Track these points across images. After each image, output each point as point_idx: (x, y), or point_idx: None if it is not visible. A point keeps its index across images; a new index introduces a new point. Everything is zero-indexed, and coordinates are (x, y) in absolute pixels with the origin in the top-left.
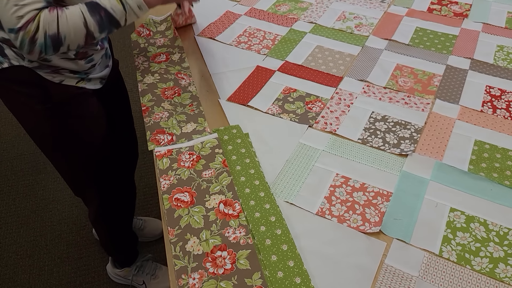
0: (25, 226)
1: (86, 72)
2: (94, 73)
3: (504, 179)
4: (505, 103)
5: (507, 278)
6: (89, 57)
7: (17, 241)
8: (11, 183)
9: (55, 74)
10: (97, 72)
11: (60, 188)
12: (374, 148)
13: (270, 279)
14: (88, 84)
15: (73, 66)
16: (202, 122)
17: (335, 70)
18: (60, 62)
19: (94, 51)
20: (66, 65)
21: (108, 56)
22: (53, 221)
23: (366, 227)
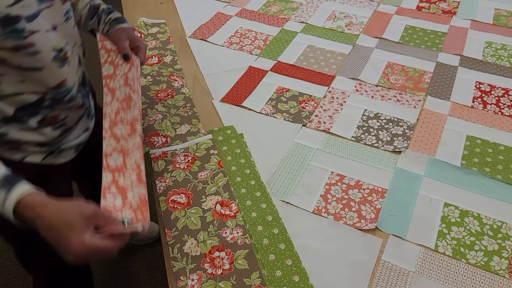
0: None
1: (57, 141)
2: (68, 142)
3: (496, 173)
4: (495, 98)
5: (502, 271)
6: (59, 122)
7: None
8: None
9: (15, 151)
10: (72, 139)
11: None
12: (368, 146)
13: (268, 278)
14: (58, 157)
15: (38, 137)
16: (196, 123)
17: (327, 69)
18: (19, 135)
19: (67, 111)
20: (28, 138)
21: (91, 116)
22: None
23: (362, 224)
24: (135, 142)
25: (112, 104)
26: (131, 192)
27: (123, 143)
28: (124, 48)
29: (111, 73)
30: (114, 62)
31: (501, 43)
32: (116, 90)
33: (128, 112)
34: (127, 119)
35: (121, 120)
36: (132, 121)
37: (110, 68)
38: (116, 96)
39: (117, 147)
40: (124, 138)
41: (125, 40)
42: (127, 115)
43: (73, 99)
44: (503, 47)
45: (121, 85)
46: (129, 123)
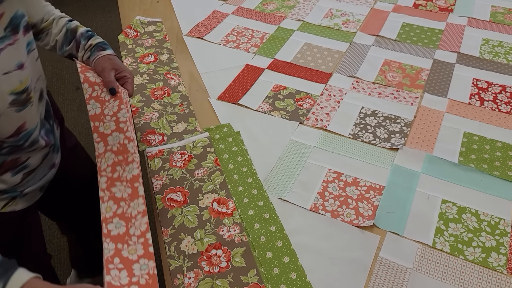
0: None
1: (20, 185)
2: (32, 185)
3: (494, 170)
4: (492, 95)
5: (500, 267)
6: (20, 165)
7: None
8: None
9: None
10: (37, 180)
11: None
12: (365, 143)
13: (266, 275)
14: (20, 202)
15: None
16: (193, 121)
17: (324, 66)
18: None
19: (29, 153)
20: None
21: (56, 149)
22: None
23: (359, 221)
24: (139, 208)
25: (107, 156)
26: (138, 264)
27: (124, 208)
28: (110, 81)
29: (99, 113)
30: (100, 98)
31: (498, 40)
32: (108, 137)
33: (127, 169)
34: (126, 177)
35: (119, 178)
36: (133, 181)
37: (97, 106)
38: (110, 146)
39: (117, 212)
40: (125, 202)
41: (110, 71)
42: (126, 173)
43: (36, 142)
44: (500, 44)
45: (112, 130)
46: (130, 183)
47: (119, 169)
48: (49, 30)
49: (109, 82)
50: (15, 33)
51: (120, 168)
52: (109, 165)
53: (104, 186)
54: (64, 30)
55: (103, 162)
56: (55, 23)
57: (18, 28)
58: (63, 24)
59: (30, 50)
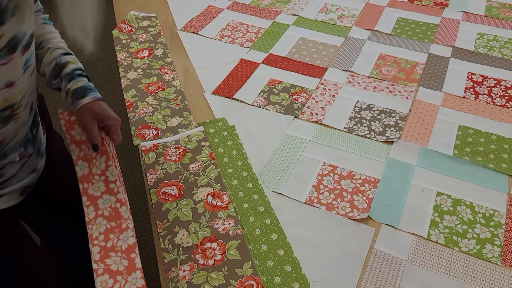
0: None
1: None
2: (10, 186)
3: (489, 162)
4: (487, 88)
5: (494, 258)
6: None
7: None
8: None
9: None
10: (15, 182)
11: None
12: (360, 137)
13: (260, 268)
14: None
15: None
16: (188, 116)
17: (319, 61)
18: None
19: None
20: None
21: (41, 155)
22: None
23: (354, 213)
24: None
25: (98, 222)
26: None
27: (122, 282)
28: (92, 136)
29: (87, 173)
30: (87, 156)
31: (493, 34)
32: (98, 199)
33: (122, 238)
34: (121, 247)
35: (113, 248)
36: (129, 252)
37: (85, 166)
38: (101, 210)
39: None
40: (122, 276)
41: (92, 124)
42: (121, 242)
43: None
44: (495, 38)
45: (102, 192)
46: (126, 254)
47: (113, 237)
48: (42, 59)
49: (92, 138)
50: (11, 53)
51: (113, 236)
52: (101, 233)
53: (97, 257)
54: (53, 64)
55: (94, 229)
56: (49, 53)
57: (15, 48)
58: (55, 56)
59: (27, 67)
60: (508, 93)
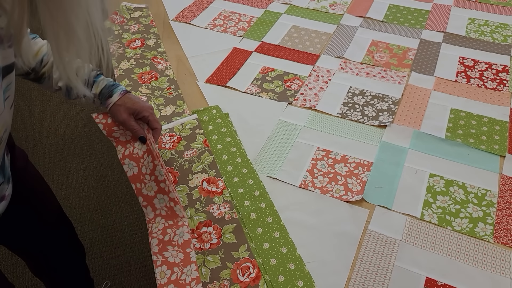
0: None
1: None
2: None
3: (480, 144)
4: (478, 72)
5: (487, 236)
6: None
7: None
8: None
9: None
10: None
11: None
12: (353, 121)
13: (256, 250)
14: None
15: None
16: (181, 104)
17: (312, 48)
18: None
19: None
20: None
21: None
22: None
23: (348, 196)
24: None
25: (157, 221)
26: None
27: (178, 274)
28: (135, 130)
29: (137, 173)
30: (133, 155)
31: (484, 19)
32: (154, 200)
33: (178, 233)
34: (178, 243)
35: (170, 241)
36: (184, 246)
37: (133, 165)
38: (158, 211)
39: (171, 277)
40: (179, 268)
41: (129, 119)
42: (178, 237)
43: None
44: (486, 23)
45: (156, 192)
46: (182, 248)
47: (170, 232)
48: (50, 75)
49: (135, 132)
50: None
51: (171, 231)
52: (160, 229)
53: (156, 250)
54: None
55: (154, 227)
56: (55, 67)
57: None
58: None
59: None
60: (499, 77)
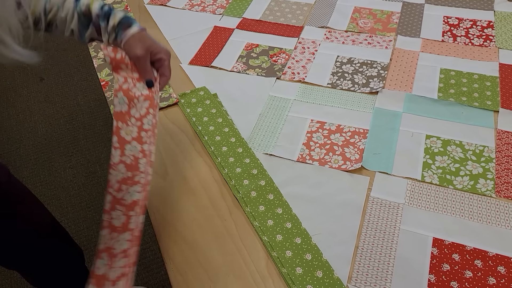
0: None
1: None
2: None
3: (473, 101)
4: (464, 30)
5: (488, 191)
6: None
7: None
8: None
9: None
10: None
11: None
12: (344, 90)
13: (261, 228)
14: None
15: None
16: (167, 88)
17: (295, 20)
18: None
19: None
20: None
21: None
22: None
23: (347, 165)
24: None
25: (118, 169)
26: None
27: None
28: (146, 71)
29: (125, 111)
30: (129, 92)
31: None
32: (126, 144)
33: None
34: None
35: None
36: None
37: (124, 102)
38: (124, 157)
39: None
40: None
41: (146, 57)
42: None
43: None
44: None
45: (133, 138)
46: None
47: (124, 188)
48: (56, 22)
49: (146, 72)
50: None
51: (125, 187)
52: (118, 181)
53: (107, 207)
54: (76, 16)
55: (113, 174)
56: (60, 11)
57: None
58: (72, 8)
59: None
60: (485, 32)
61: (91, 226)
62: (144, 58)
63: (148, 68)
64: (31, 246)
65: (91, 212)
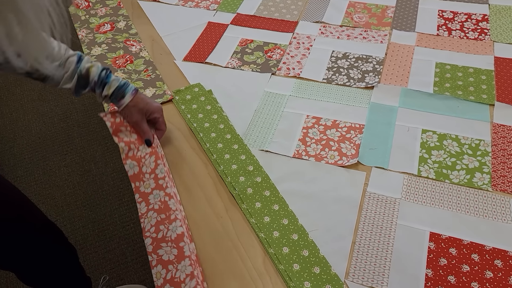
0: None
1: None
2: None
3: (469, 95)
4: (459, 24)
5: (485, 185)
6: None
7: None
8: None
9: None
10: None
11: None
12: (340, 85)
13: (257, 225)
14: None
15: None
16: (161, 85)
17: (289, 15)
18: None
19: None
20: None
21: None
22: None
23: (344, 161)
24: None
25: (149, 216)
26: None
27: (173, 272)
28: (144, 132)
29: (137, 172)
30: (136, 156)
31: None
32: (149, 195)
33: (171, 228)
34: (171, 237)
35: (164, 238)
36: (178, 241)
37: (134, 165)
38: (151, 205)
39: (167, 276)
40: (173, 265)
41: (142, 120)
42: (171, 232)
43: None
44: None
45: (153, 189)
46: (175, 243)
47: (163, 228)
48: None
49: (144, 133)
50: None
51: (163, 227)
52: (153, 225)
53: (150, 249)
54: (75, 78)
55: (146, 222)
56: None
57: None
58: (72, 69)
59: None
60: (480, 26)
61: (87, 224)
62: (141, 122)
63: (145, 129)
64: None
65: (87, 211)
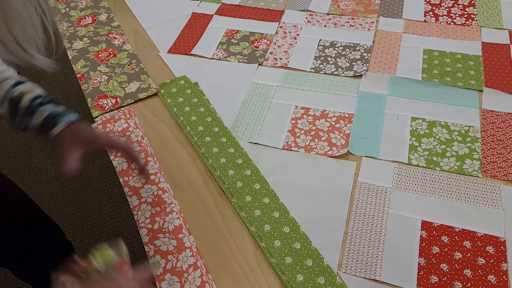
0: None
1: None
2: None
3: (457, 81)
4: (446, 9)
5: (475, 171)
6: None
7: None
8: None
9: None
10: None
11: None
12: (328, 75)
13: (248, 219)
14: None
15: None
16: (146, 79)
17: (275, 4)
18: None
19: None
20: None
21: None
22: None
23: (333, 151)
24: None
25: (142, 208)
26: None
27: (173, 261)
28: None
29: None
30: None
31: None
32: (140, 189)
33: (167, 220)
34: (168, 229)
35: (160, 229)
36: (176, 232)
37: (123, 161)
38: (144, 198)
39: (167, 266)
40: (173, 255)
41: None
42: (167, 223)
43: None
44: None
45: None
46: (174, 235)
47: (159, 220)
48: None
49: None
50: None
51: (159, 219)
52: (147, 217)
53: (146, 240)
54: (6, 103)
55: (140, 214)
56: None
57: None
58: (4, 92)
59: None
60: (467, 11)
61: (76, 222)
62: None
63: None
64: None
65: (75, 208)
